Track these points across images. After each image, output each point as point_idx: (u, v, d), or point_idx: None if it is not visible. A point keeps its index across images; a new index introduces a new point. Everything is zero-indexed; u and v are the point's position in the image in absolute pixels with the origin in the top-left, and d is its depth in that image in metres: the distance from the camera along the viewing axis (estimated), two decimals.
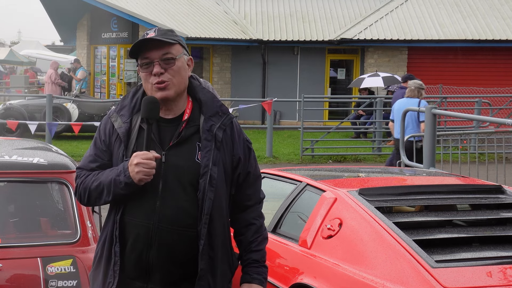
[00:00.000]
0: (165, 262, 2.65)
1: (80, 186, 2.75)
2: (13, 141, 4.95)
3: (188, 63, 2.75)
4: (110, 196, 2.66)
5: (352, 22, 22.21)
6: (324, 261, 3.80)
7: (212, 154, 2.66)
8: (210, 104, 2.75)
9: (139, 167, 2.56)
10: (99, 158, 2.75)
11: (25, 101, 17.05)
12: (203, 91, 2.79)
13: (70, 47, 31.87)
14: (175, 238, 2.64)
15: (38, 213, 4.20)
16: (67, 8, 23.60)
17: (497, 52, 20.36)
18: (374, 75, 18.27)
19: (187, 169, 2.65)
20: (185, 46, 2.76)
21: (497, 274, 3.38)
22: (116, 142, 2.72)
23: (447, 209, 4.23)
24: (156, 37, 2.65)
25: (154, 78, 2.65)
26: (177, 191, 2.64)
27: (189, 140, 2.69)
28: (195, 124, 2.71)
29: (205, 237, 2.65)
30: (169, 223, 2.63)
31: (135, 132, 2.70)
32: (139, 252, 2.65)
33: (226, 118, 2.74)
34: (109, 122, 2.76)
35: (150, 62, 2.66)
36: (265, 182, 5.23)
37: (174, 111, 2.72)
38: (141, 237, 2.64)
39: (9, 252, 3.73)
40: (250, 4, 23.70)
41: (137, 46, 2.67)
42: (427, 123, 8.21)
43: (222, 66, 22.25)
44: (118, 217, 2.68)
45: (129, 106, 2.75)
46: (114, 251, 2.67)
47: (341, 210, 3.97)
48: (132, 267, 2.67)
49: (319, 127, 17.89)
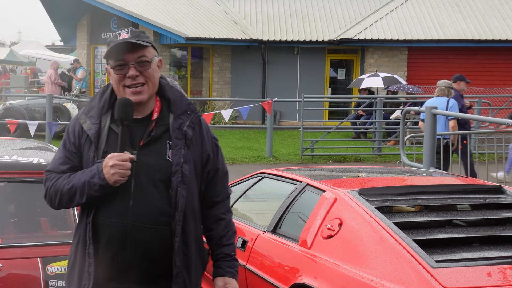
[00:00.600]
0: (140, 260, 2.66)
1: (51, 189, 2.74)
2: (13, 141, 4.96)
3: (158, 65, 2.77)
4: (83, 198, 2.66)
5: (352, 22, 22.21)
6: (324, 261, 3.80)
7: (183, 152, 2.70)
8: (179, 103, 2.78)
9: (115, 169, 2.57)
10: (69, 160, 2.75)
11: (25, 101, 17.05)
12: (171, 90, 2.81)
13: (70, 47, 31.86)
14: (150, 237, 2.65)
15: (38, 213, 4.20)
16: (67, 8, 23.60)
17: (497, 52, 20.36)
18: (373, 75, 18.27)
19: (159, 167, 2.68)
20: (156, 48, 2.78)
21: (497, 274, 3.38)
22: (86, 143, 2.72)
23: (447, 209, 4.23)
24: (131, 39, 2.65)
25: (129, 80, 2.66)
26: (150, 189, 2.66)
27: (159, 139, 2.71)
28: (164, 123, 2.73)
29: (179, 234, 2.68)
30: (143, 221, 2.64)
31: (105, 133, 2.71)
32: (114, 252, 2.66)
33: (194, 116, 2.78)
34: (77, 124, 2.76)
35: (124, 64, 2.66)
36: (265, 182, 5.24)
37: (143, 111, 2.74)
38: (115, 237, 2.65)
39: (9, 252, 3.73)
40: (250, 4, 23.70)
41: (113, 49, 2.66)
42: (427, 123, 8.20)
43: (222, 66, 22.24)
44: (90, 219, 2.68)
45: (98, 107, 2.75)
46: (88, 252, 2.68)
47: (341, 210, 3.97)
48: (107, 268, 2.67)
49: (319, 127, 17.89)
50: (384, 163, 14.35)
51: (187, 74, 22.38)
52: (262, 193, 5.49)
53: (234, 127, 19.55)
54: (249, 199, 5.45)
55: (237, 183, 5.60)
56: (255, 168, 11.14)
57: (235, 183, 5.63)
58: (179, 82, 22.44)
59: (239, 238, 4.77)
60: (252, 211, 5.32)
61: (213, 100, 20.40)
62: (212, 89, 22.26)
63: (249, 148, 15.77)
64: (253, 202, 5.53)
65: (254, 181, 5.34)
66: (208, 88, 22.30)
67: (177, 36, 20.02)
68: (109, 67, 2.72)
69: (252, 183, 5.35)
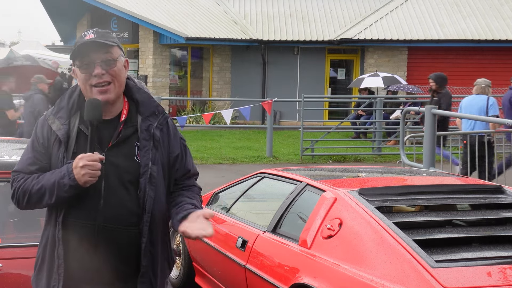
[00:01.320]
0: (111, 261, 2.67)
1: (19, 189, 2.73)
2: (13, 141, 4.96)
3: (125, 65, 2.78)
4: (52, 199, 2.65)
5: (352, 22, 22.22)
6: (324, 261, 3.80)
7: (151, 153, 2.71)
8: (147, 104, 2.80)
9: (85, 169, 2.57)
10: (38, 160, 2.74)
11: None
12: (139, 91, 2.83)
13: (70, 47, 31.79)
14: (119, 237, 2.67)
15: (38, 213, 4.19)
16: (67, 8, 23.62)
17: (497, 52, 20.36)
18: (373, 75, 18.28)
19: (128, 168, 2.69)
20: (122, 48, 2.80)
21: (497, 274, 3.38)
22: (55, 144, 2.72)
23: (447, 209, 4.23)
24: (96, 39, 2.67)
25: (95, 79, 2.67)
26: (119, 190, 2.67)
27: (127, 140, 2.73)
28: (132, 124, 2.75)
29: (147, 235, 2.69)
30: (113, 222, 2.66)
31: (74, 134, 2.72)
32: (84, 252, 2.66)
33: (162, 118, 2.80)
34: (46, 125, 2.76)
35: (90, 63, 2.68)
36: (265, 182, 5.24)
37: (111, 112, 2.75)
38: (86, 237, 2.65)
39: (9, 252, 3.73)
40: (250, 4, 23.70)
41: (78, 49, 2.68)
42: (427, 123, 8.21)
43: (222, 66, 22.25)
44: (60, 219, 2.68)
45: (67, 107, 2.76)
46: (57, 253, 2.67)
47: (341, 210, 3.97)
48: (77, 269, 2.67)
49: (319, 127, 17.89)
50: (384, 163, 14.35)
51: (187, 74, 22.39)
52: (262, 193, 5.49)
53: (234, 127, 19.55)
54: (249, 199, 5.45)
55: (237, 183, 5.60)
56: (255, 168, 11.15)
57: (235, 183, 5.63)
58: (179, 82, 22.46)
59: (239, 238, 4.77)
60: (252, 211, 5.32)
61: (213, 100, 20.40)
62: (212, 89, 22.26)
63: (249, 148, 15.77)
64: (253, 202, 5.53)
65: (254, 181, 5.34)
66: (208, 88, 22.31)
67: (177, 36, 20.03)
68: (75, 67, 2.74)
69: (252, 183, 5.35)
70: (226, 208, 5.45)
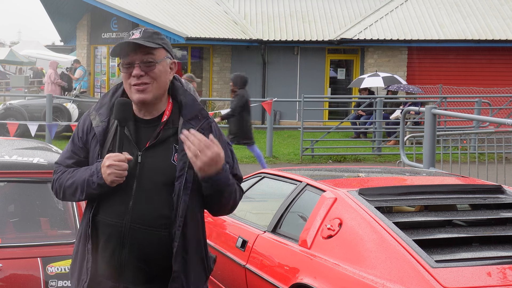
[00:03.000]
0: (137, 261, 2.66)
1: (56, 182, 2.79)
2: (13, 141, 4.95)
3: (171, 66, 2.74)
4: (83, 195, 2.68)
5: (352, 22, 22.22)
6: (324, 261, 3.80)
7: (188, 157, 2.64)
8: (191, 107, 2.75)
9: (111, 169, 2.57)
10: (75, 155, 2.77)
11: (25, 101, 17.06)
12: (184, 93, 2.79)
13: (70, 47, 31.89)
14: (147, 238, 2.65)
15: (38, 213, 4.20)
16: (67, 8, 23.62)
17: (497, 52, 20.36)
18: (374, 75, 18.27)
19: (163, 170, 2.66)
20: (170, 50, 2.76)
21: (497, 274, 3.38)
22: (93, 140, 2.73)
23: (447, 209, 4.23)
24: (139, 40, 2.65)
25: (133, 79, 2.66)
26: (151, 192, 2.65)
27: (166, 142, 2.69)
28: (173, 126, 2.71)
29: (179, 239, 2.65)
30: (142, 223, 2.64)
31: (112, 132, 2.71)
32: (111, 251, 2.67)
33: (205, 122, 2.74)
34: (88, 120, 2.78)
35: (130, 64, 2.66)
36: (265, 182, 5.24)
37: (153, 112, 2.72)
38: (113, 236, 2.66)
39: (9, 252, 3.73)
40: (250, 4, 23.70)
41: (121, 47, 2.67)
42: (427, 123, 8.21)
43: (222, 66, 22.24)
44: (91, 215, 2.70)
45: (108, 105, 2.76)
46: (87, 248, 2.70)
47: (341, 210, 3.97)
48: (105, 266, 2.69)
49: (319, 127, 17.89)
50: (384, 163, 14.35)
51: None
52: (262, 193, 5.49)
53: None
54: (249, 199, 5.45)
55: None
56: (255, 168, 11.15)
57: None
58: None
59: (239, 238, 4.77)
60: (252, 211, 5.32)
61: (213, 100, 20.40)
62: (212, 89, 22.26)
63: None
64: (253, 202, 5.53)
65: (254, 181, 5.34)
66: (208, 88, 22.30)
67: (177, 36, 20.02)
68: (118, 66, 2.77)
69: (252, 183, 5.35)
70: None
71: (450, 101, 17.30)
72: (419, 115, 15.47)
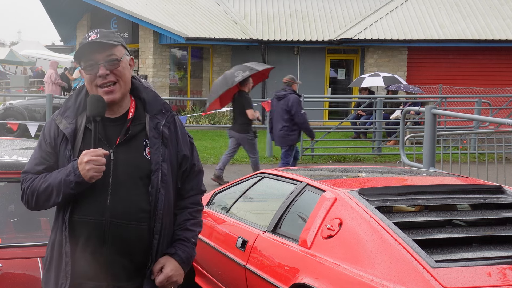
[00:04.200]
0: (119, 257, 2.68)
1: (27, 190, 2.75)
2: (13, 141, 4.95)
3: (130, 63, 2.80)
4: (60, 197, 2.67)
5: (352, 22, 22.22)
6: (324, 261, 3.79)
7: (161, 151, 2.74)
8: (154, 103, 2.83)
9: (90, 164, 2.59)
10: (45, 160, 2.77)
11: (25, 101, 17.06)
12: (146, 90, 2.85)
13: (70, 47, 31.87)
14: (128, 233, 2.68)
15: (38, 213, 4.19)
16: (67, 8, 23.63)
17: (497, 52, 20.37)
18: (374, 75, 18.27)
19: (137, 165, 2.71)
20: (126, 47, 2.81)
21: (497, 274, 3.38)
22: (62, 143, 2.74)
23: (447, 209, 4.22)
24: (99, 39, 2.69)
25: (100, 79, 2.69)
26: (128, 186, 2.69)
27: (136, 137, 2.75)
28: (140, 122, 2.77)
29: (159, 232, 2.71)
30: (122, 218, 2.67)
31: (81, 133, 2.74)
32: (92, 250, 2.67)
33: (169, 116, 2.83)
34: (53, 125, 2.79)
35: (94, 64, 2.69)
36: (265, 182, 5.24)
37: (118, 111, 2.77)
38: (94, 234, 2.67)
39: (9, 252, 3.73)
40: (250, 4, 23.70)
41: (82, 50, 2.70)
42: (427, 123, 8.20)
43: (222, 66, 22.24)
44: (67, 217, 2.69)
45: (74, 107, 2.79)
46: (64, 251, 2.68)
47: (341, 210, 3.97)
48: (85, 266, 2.68)
49: (319, 127, 17.88)
50: (384, 163, 14.34)
51: (187, 74, 22.39)
52: (262, 193, 5.49)
53: None
54: (249, 199, 5.45)
55: (237, 183, 5.60)
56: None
57: (235, 183, 5.63)
58: (179, 82, 22.45)
59: (239, 238, 4.77)
60: (252, 211, 5.32)
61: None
62: None
63: None
64: (253, 202, 5.53)
65: (254, 181, 5.34)
66: (208, 88, 22.28)
67: (177, 36, 20.02)
68: (81, 68, 2.76)
69: (252, 183, 5.35)
70: (226, 208, 5.45)
71: (450, 101, 17.30)
72: (419, 115, 15.47)
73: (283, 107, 10.58)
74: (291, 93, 10.75)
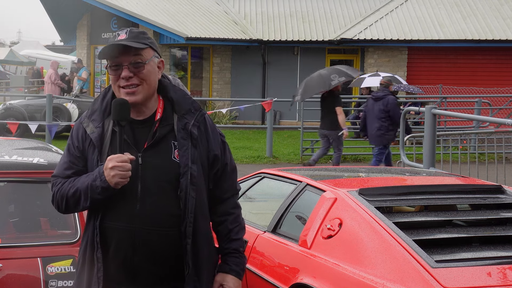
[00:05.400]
0: (150, 263, 2.65)
1: (57, 194, 2.72)
2: (13, 141, 4.95)
3: (159, 65, 2.73)
4: (87, 201, 2.63)
5: (352, 22, 22.22)
6: (324, 261, 3.79)
7: (189, 152, 2.66)
8: (182, 102, 2.75)
9: (115, 171, 2.54)
10: (74, 164, 2.73)
11: (25, 101, 17.07)
12: (174, 89, 2.78)
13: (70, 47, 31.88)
14: (159, 239, 2.63)
15: (38, 213, 4.20)
16: (67, 8, 23.62)
17: (497, 52, 20.37)
18: (374, 75, 18.27)
19: (166, 168, 2.65)
20: (157, 49, 2.75)
21: (497, 274, 3.38)
22: (90, 147, 2.70)
23: (447, 209, 4.22)
24: (126, 41, 2.63)
25: (123, 81, 2.64)
26: (157, 191, 2.63)
27: (164, 140, 2.68)
28: (168, 123, 2.70)
29: (191, 236, 2.65)
30: (151, 224, 2.62)
31: (109, 136, 2.68)
32: (123, 256, 2.64)
33: (199, 115, 2.75)
34: (81, 128, 2.74)
35: (118, 65, 2.65)
36: (265, 182, 5.24)
37: (145, 112, 2.71)
38: (124, 241, 2.63)
39: (9, 252, 3.73)
40: (250, 4, 23.70)
41: (108, 49, 2.65)
42: (427, 123, 8.20)
43: (222, 66, 22.25)
44: (97, 223, 2.66)
45: (100, 110, 2.73)
46: (96, 257, 2.65)
47: (341, 210, 3.96)
48: (116, 272, 2.66)
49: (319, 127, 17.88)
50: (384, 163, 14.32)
51: (187, 74, 22.39)
52: (262, 193, 5.49)
53: (234, 127, 19.55)
54: (249, 199, 5.45)
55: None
56: (255, 168, 11.15)
57: None
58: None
59: None
60: (252, 211, 5.32)
61: (213, 100, 20.40)
62: (212, 89, 22.26)
63: (249, 148, 15.77)
64: (253, 202, 5.52)
65: (254, 181, 5.34)
66: (208, 88, 22.31)
67: (177, 36, 20.03)
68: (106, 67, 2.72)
69: (252, 183, 5.35)
70: None
71: (450, 101, 17.30)
72: (419, 115, 15.47)
73: (381, 107, 10.97)
74: (389, 94, 11.20)
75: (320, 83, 11.94)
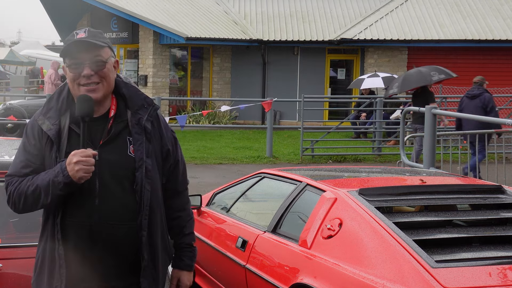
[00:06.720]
0: (110, 258, 2.68)
1: (14, 192, 2.71)
2: (13, 141, 4.95)
3: (115, 65, 2.78)
4: (48, 198, 2.64)
5: (352, 22, 22.21)
6: (324, 261, 3.79)
7: (144, 146, 2.73)
8: (135, 98, 2.81)
9: (79, 165, 2.56)
10: (31, 162, 2.73)
11: (25, 101, 17.08)
12: (126, 86, 2.83)
13: None
14: (118, 233, 2.68)
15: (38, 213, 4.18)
16: (67, 8, 23.61)
17: (497, 52, 20.37)
18: (373, 76, 18.27)
19: (122, 164, 2.70)
20: (113, 49, 2.79)
21: (497, 274, 3.38)
22: (47, 145, 2.71)
23: (447, 209, 4.22)
24: (87, 38, 2.66)
25: (84, 79, 2.67)
26: (114, 186, 2.68)
27: (119, 136, 2.73)
28: (122, 119, 2.75)
29: (146, 228, 2.71)
30: (110, 219, 2.66)
31: (66, 133, 2.71)
32: (83, 251, 2.67)
33: (152, 110, 2.81)
34: (36, 125, 2.75)
35: (79, 63, 2.67)
36: (265, 182, 5.24)
37: (99, 110, 2.74)
38: (84, 236, 2.66)
39: (9, 252, 3.73)
40: (250, 4, 23.70)
41: (68, 47, 2.67)
42: (427, 123, 8.20)
43: (222, 66, 22.25)
44: (58, 220, 2.68)
45: (56, 107, 2.75)
46: (58, 254, 2.68)
47: (341, 210, 3.96)
48: (78, 268, 2.68)
49: (319, 127, 17.89)
50: (384, 163, 14.35)
51: (187, 74, 22.39)
52: (262, 193, 5.49)
53: (234, 127, 19.56)
54: (249, 199, 5.45)
55: (237, 183, 5.60)
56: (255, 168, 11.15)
57: (235, 183, 5.63)
58: (179, 82, 22.45)
59: (239, 238, 4.77)
60: (252, 211, 5.32)
61: (213, 100, 20.40)
62: (212, 89, 22.26)
63: (249, 148, 15.77)
64: (253, 202, 5.53)
65: (254, 181, 5.34)
66: (208, 88, 22.31)
67: (177, 36, 20.02)
68: (65, 65, 2.73)
69: (252, 183, 5.35)
70: (226, 208, 5.45)
71: (450, 101, 17.30)
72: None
73: (478, 105, 11.19)
74: (485, 91, 11.42)
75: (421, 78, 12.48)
